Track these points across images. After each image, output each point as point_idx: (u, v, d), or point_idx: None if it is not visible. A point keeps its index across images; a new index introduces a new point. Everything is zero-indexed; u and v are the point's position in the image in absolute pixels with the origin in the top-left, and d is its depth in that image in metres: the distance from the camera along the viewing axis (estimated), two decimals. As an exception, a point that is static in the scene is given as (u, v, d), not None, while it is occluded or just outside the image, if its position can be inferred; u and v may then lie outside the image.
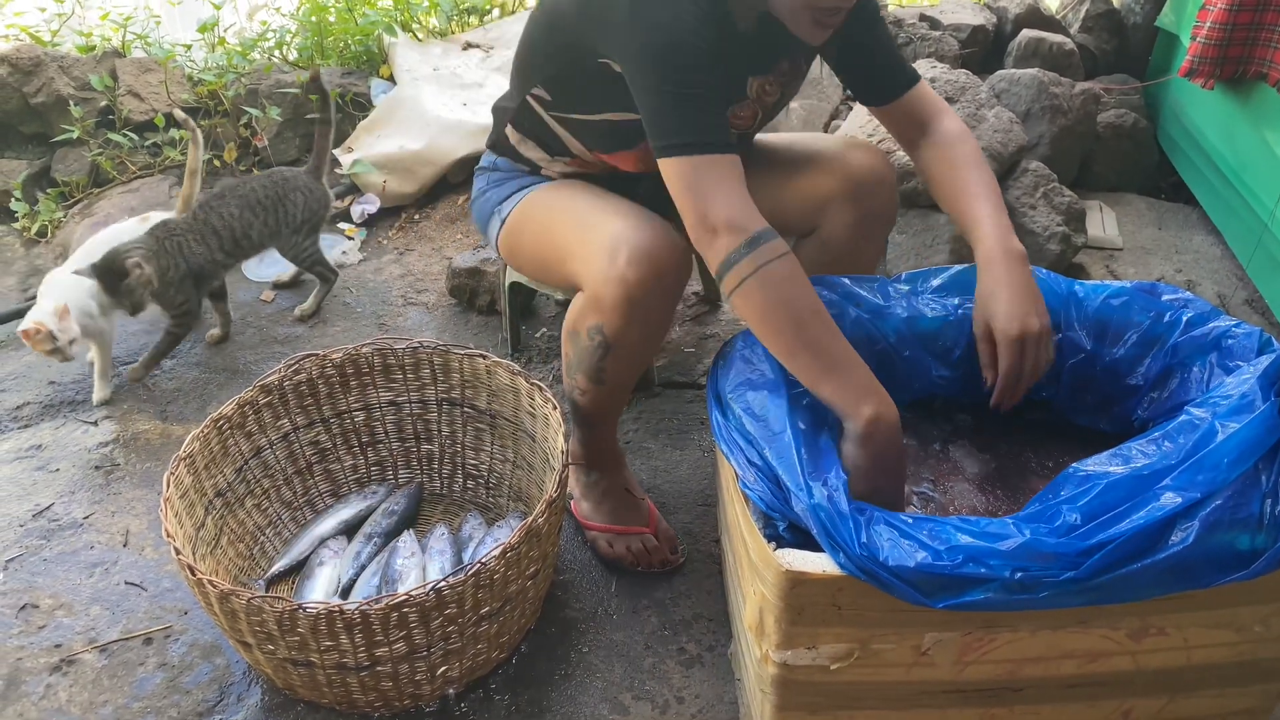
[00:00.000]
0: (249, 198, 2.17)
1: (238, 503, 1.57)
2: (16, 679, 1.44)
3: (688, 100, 1.18)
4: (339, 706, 1.36)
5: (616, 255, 1.30)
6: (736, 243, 1.15)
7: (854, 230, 1.49)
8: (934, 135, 1.42)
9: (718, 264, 1.17)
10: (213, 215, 2.12)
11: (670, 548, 1.60)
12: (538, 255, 1.52)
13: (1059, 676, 1.07)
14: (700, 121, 1.18)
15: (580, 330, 1.40)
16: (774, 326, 1.14)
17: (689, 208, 1.18)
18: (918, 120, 1.44)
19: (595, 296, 1.34)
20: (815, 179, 1.50)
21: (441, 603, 1.24)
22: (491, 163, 1.62)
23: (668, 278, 1.32)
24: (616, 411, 1.58)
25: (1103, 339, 1.30)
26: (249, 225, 2.16)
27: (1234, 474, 0.95)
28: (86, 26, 3.30)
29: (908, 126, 1.45)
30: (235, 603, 1.21)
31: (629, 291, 1.30)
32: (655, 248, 1.30)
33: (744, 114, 1.44)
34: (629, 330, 1.35)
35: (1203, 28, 2.26)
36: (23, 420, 2.06)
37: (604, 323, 1.35)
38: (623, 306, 1.32)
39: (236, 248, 2.16)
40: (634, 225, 1.32)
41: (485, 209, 1.62)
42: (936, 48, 2.78)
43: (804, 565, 0.99)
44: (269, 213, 2.19)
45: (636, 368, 1.46)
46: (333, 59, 3.31)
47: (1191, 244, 2.53)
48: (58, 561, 1.66)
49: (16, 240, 2.86)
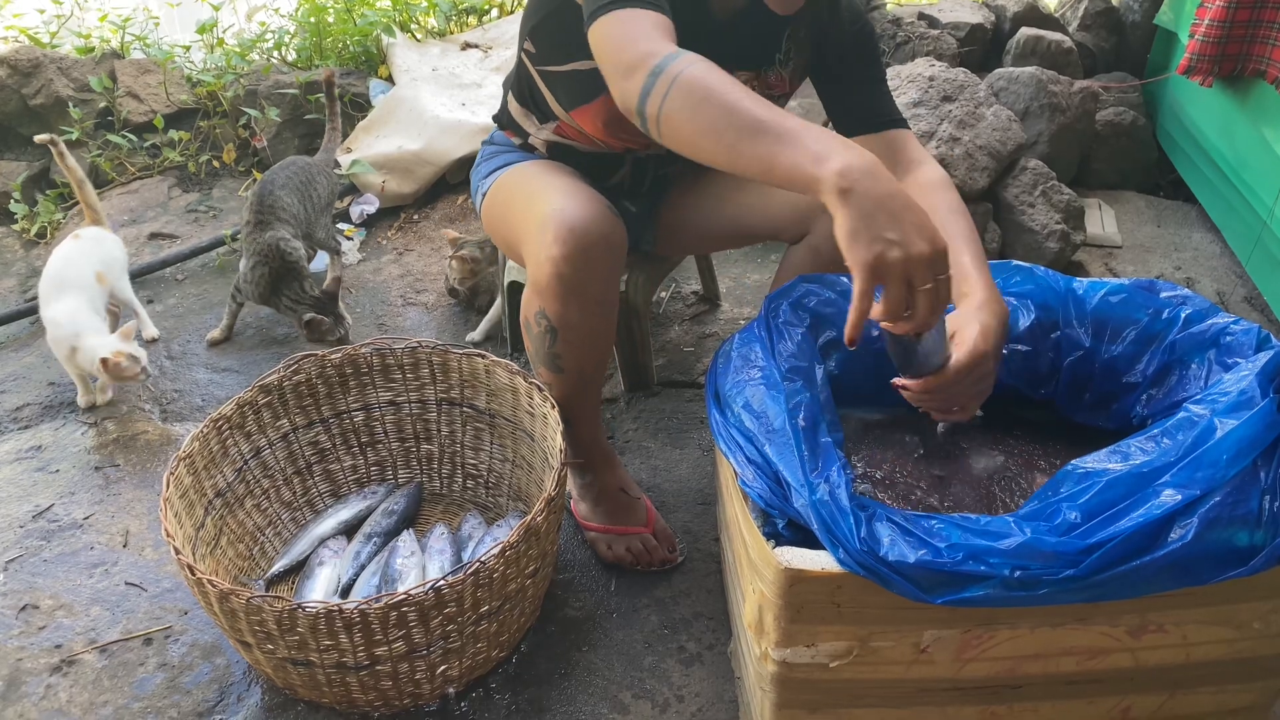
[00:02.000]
0: (289, 181, 2.26)
1: (237, 503, 1.57)
2: (17, 680, 1.44)
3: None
4: (339, 706, 1.36)
5: (545, 234, 1.30)
6: (646, 69, 1.04)
7: None
8: (915, 177, 1.35)
9: (635, 101, 1.05)
10: (275, 204, 2.20)
11: (669, 546, 1.60)
12: (502, 234, 1.55)
13: (1058, 674, 1.07)
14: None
15: (529, 318, 1.41)
16: (709, 123, 1.00)
17: (609, 68, 1.09)
18: (899, 159, 1.37)
19: (534, 280, 1.35)
20: None
21: (441, 602, 1.24)
22: (491, 136, 1.67)
23: (594, 250, 1.30)
24: (591, 406, 1.56)
25: (1101, 336, 1.30)
26: (304, 201, 2.27)
27: (1233, 471, 0.95)
28: (85, 28, 3.31)
29: (888, 161, 1.34)
30: (235, 602, 1.21)
31: (558, 269, 1.29)
32: (580, 222, 1.28)
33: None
34: (567, 311, 1.34)
35: (1201, 25, 2.26)
36: (23, 421, 2.06)
37: (545, 306, 1.36)
38: (555, 285, 1.31)
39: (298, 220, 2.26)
40: (564, 203, 1.30)
41: (476, 182, 1.67)
42: (935, 46, 2.78)
43: (803, 563, 0.99)
44: (301, 195, 2.28)
45: (591, 352, 1.44)
46: (331, 59, 3.31)
47: (1190, 241, 2.53)
48: (58, 562, 1.66)
49: (16, 242, 2.86)
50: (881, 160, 1.30)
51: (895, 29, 2.85)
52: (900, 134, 1.40)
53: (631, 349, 1.95)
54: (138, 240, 2.71)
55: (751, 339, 1.24)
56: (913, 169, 1.37)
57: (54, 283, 2.04)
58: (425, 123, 2.79)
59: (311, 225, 2.32)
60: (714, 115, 0.99)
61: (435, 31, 3.46)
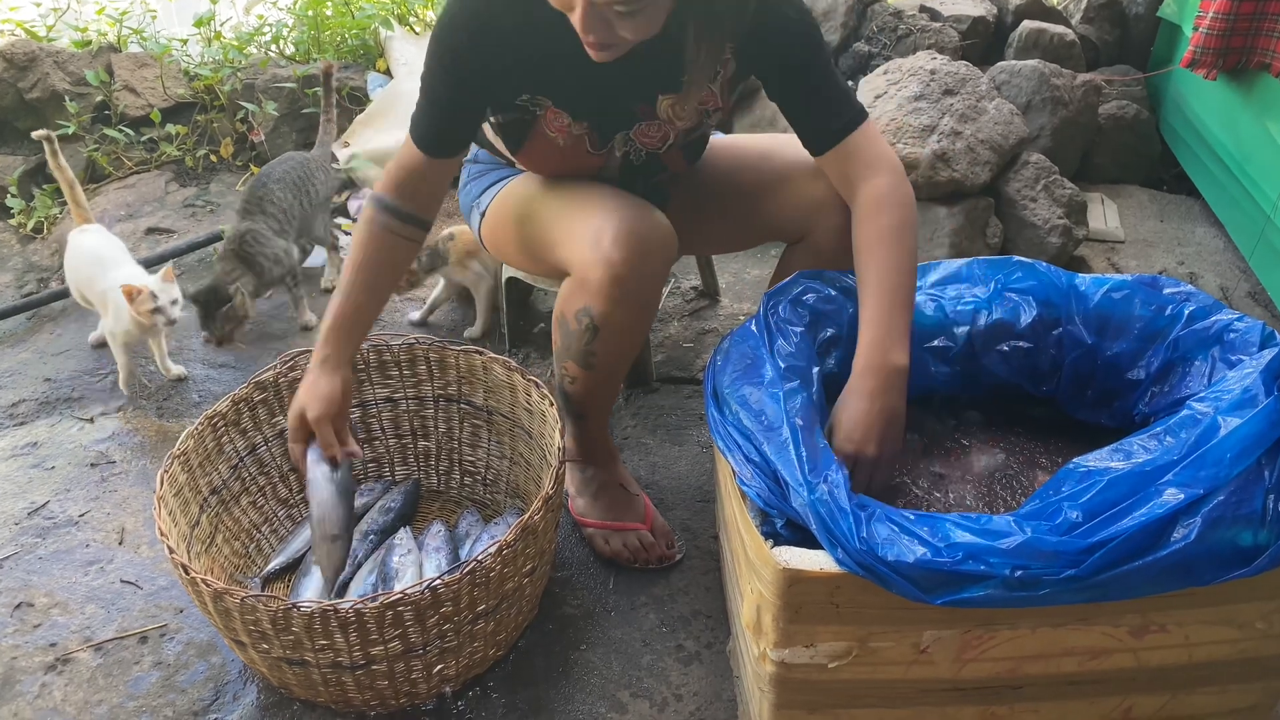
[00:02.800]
0: (286, 176, 2.25)
1: (233, 500, 1.56)
2: (11, 678, 1.44)
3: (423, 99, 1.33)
4: (335, 705, 1.35)
5: (602, 237, 1.31)
6: (377, 191, 1.38)
7: (844, 236, 1.45)
8: (858, 200, 1.32)
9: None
10: (266, 204, 2.20)
11: (667, 543, 1.59)
12: (522, 243, 1.52)
13: (1059, 674, 1.06)
14: (420, 118, 1.34)
15: (568, 315, 1.40)
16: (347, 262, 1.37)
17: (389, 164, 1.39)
18: (848, 177, 1.33)
19: (582, 279, 1.35)
20: (803, 185, 1.46)
21: (437, 601, 1.23)
22: (474, 155, 1.65)
23: (653, 258, 1.33)
24: (607, 403, 1.57)
25: (1104, 333, 1.29)
26: (301, 197, 2.26)
27: (1236, 469, 0.94)
28: (82, 21, 3.29)
29: (840, 181, 1.36)
30: (229, 602, 1.20)
31: (615, 272, 1.30)
32: (640, 229, 1.32)
33: (651, 133, 1.42)
34: (616, 312, 1.35)
35: (1205, 18, 2.25)
36: (18, 417, 2.05)
37: (591, 305, 1.35)
38: (609, 288, 1.32)
39: (290, 219, 2.25)
40: (618, 208, 1.34)
41: (467, 202, 1.66)
42: (937, 39, 2.77)
43: (802, 563, 0.99)
44: (300, 191, 2.27)
45: (625, 352, 1.46)
46: (329, 53, 3.30)
47: (1194, 236, 2.52)
48: (53, 560, 1.65)
49: (12, 237, 2.85)
50: (836, 178, 1.37)
51: (897, 22, 2.83)
52: (849, 144, 1.32)
53: (630, 345, 1.94)
54: (134, 235, 2.70)
55: (750, 337, 1.23)
56: (859, 186, 1.32)
57: (98, 264, 2.08)
58: (424, 117, 2.78)
59: (309, 221, 2.32)
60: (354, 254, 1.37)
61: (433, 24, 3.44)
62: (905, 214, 1.28)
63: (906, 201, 1.29)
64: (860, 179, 1.32)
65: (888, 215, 1.28)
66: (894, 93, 2.37)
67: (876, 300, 1.23)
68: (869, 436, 1.18)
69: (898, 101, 2.34)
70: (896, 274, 1.24)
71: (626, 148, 1.44)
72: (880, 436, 1.18)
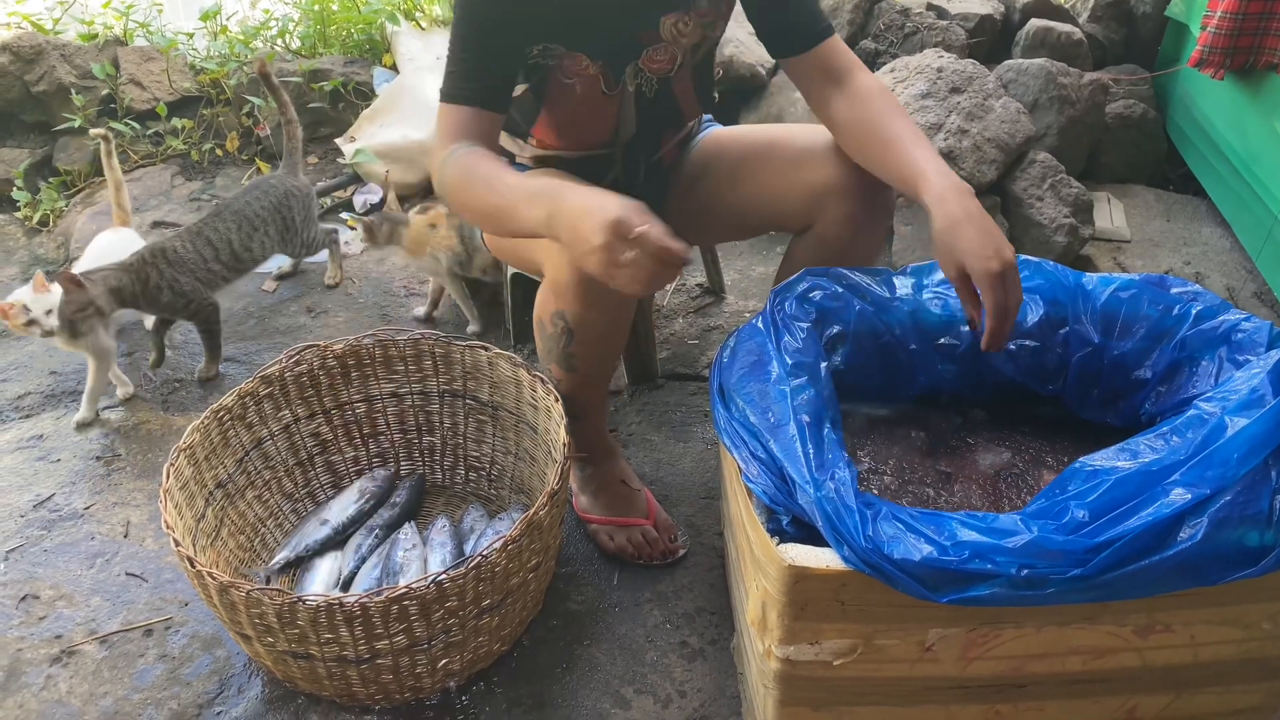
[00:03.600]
0: (248, 217, 2.13)
1: (238, 494, 1.57)
2: (17, 670, 1.44)
3: (458, 58, 1.30)
4: (339, 699, 1.36)
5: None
6: (444, 152, 1.29)
7: (851, 224, 1.45)
8: (851, 87, 1.38)
9: (434, 176, 1.32)
10: (210, 233, 2.07)
11: (670, 537, 1.59)
12: (512, 247, 1.54)
13: (1064, 673, 1.06)
14: (460, 74, 1.30)
15: (544, 318, 1.41)
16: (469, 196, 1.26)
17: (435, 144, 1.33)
18: (832, 73, 1.39)
19: (554, 281, 1.35)
20: (808, 177, 1.46)
21: (442, 595, 1.23)
22: None
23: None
24: (600, 401, 1.57)
25: (1110, 332, 1.28)
26: (248, 242, 2.13)
27: (1243, 470, 0.94)
28: (88, 14, 3.29)
29: (821, 80, 1.40)
30: (235, 595, 1.21)
31: (583, 274, 1.29)
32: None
33: (660, 57, 1.42)
34: (589, 314, 1.35)
35: (1213, 17, 2.24)
36: (24, 410, 2.06)
37: (564, 308, 1.36)
38: (578, 289, 1.32)
39: (237, 262, 2.12)
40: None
41: None
42: (943, 37, 2.76)
43: (807, 560, 0.98)
44: (270, 225, 2.17)
45: (606, 354, 1.45)
46: (335, 48, 3.30)
47: (1200, 236, 2.51)
48: (58, 552, 1.66)
49: (18, 229, 2.85)
50: (816, 83, 1.41)
51: (904, 19, 2.82)
52: (827, 46, 1.39)
53: (635, 341, 1.94)
54: (140, 228, 2.69)
55: (756, 333, 1.23)
56: (846, 80, 1.38)
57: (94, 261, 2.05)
58: (430, 112, 2.77)
59: (291, 244, 2.26)
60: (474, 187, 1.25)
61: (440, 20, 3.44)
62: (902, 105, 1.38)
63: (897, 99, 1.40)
64: (848, 71, 1.39)
65: (893, 97, 1.37)
66: (901, 90, 2.37)
67: (922, 146, 1.28)
68: (1000, 240, 1.18)
69: (904, 99, 2.34)
70: (926, 138, 1.31)
71: (638, 80, 1.44)
72: (1004, 240, 1.19)
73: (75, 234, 2.67)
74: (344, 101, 3.08)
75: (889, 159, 1.31)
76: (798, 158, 1.49)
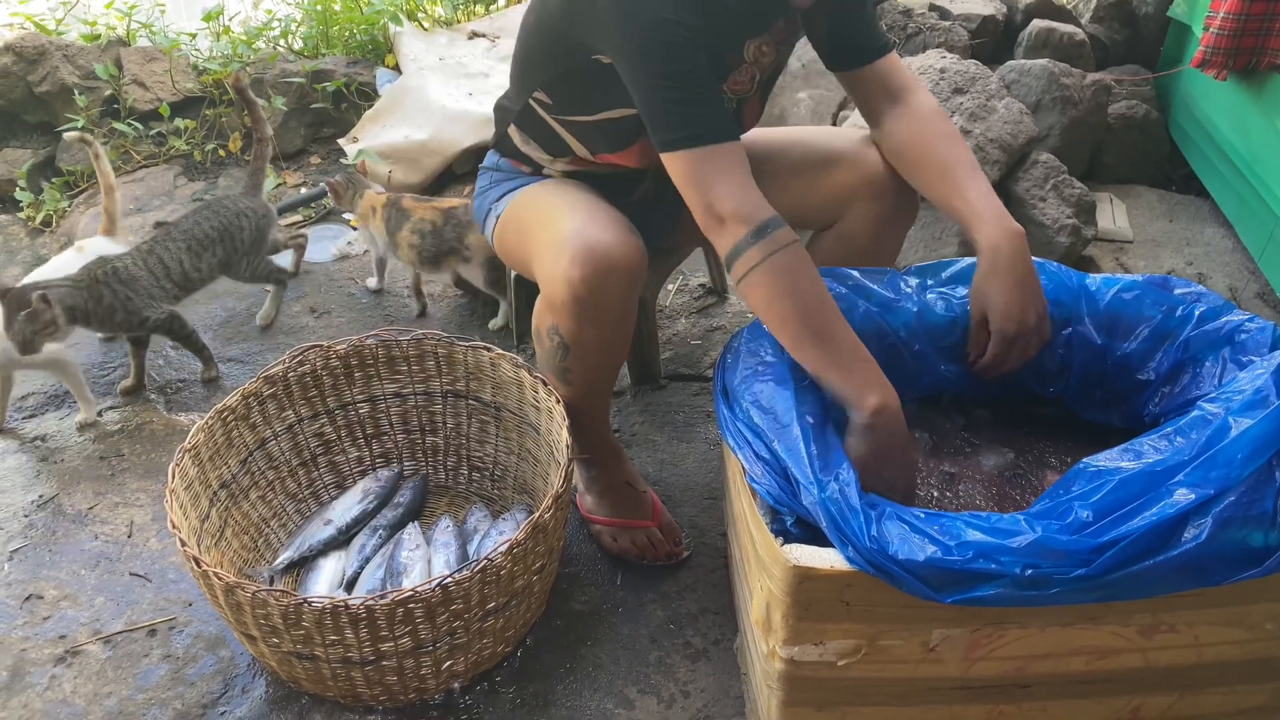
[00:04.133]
0: (197, 237, 2.07)
1: (242, 494, 1.57)
2: (21, 670, 1.44)
3: (681, 91, 1.17)
4: (343, 700, 1.36)
5: (561, 255, 1.29)
6: (743, 231, 1.16)
7: (875, 226, 1.47)
8: (908, 106, 1.39)
9: (726, 253, 1.19)
10: (161, 252, 2.03)
11: (674, 540, 1.59)
12: (517, 254, 1.52)
13: (1068, 673, 1.06)
14: (696, 112, 1.18)
15: (541, 330, 1.41)
16: (781, 315, 1.15)
17: (695, 200, 1.19)
18: (890, 89, 1.40)
19: (549, 296, 1.35)
20: (837, 175, 1.47)
21: (447, 598, 1.23)
22: (494, 163, 1.62)
23: (615, 275, 1.29)
24: (600, 409, 1.56)
25: (1114, 333, 1.29)
26: (197, 263, 2.07)
27: (1247, 470, 0.94)
28: (91, 15, 3.29)
29: (878, 95, 1.40)
30: (240, 595, 1.21)
31: (574, 291, 1.29)
32: (602, 246, 1.28)
33: (742, 79, 1.41)
34: (583, 330, 1.35)
35: (1216, 18, 2.24)
36: (27, 411, 2.06)
37: (559, 323, 1.36)
38: (571, 306, 1.31)
39: (187, 282, 2.06)
40: (585, 224, 1.31)
41: (483, 207, 1.63)
42: (946, 38, 2.76)
43: (812, 560, 0.99)
44: (218, 246, 2.10)
45: (603, 368, 1.45)
46: (338, 48, 3.30)
47: (1203, 236, 2.51)
48: (62, 552, 1.66)
49: (21, 230, 2.86)
50: (873, 97, 1.40)
51: (906, 21, 2.82)
52: (887, 62, 1.40)
53: (639, 342, 1.94)
54: (143, 228, 2.70)
55: (760, 334, 1.23)
56: (905, 98, 1.39)
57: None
58: (432, 112, 2.78)
59: (235, 269, 2.16)
60: (791, 309, 1.15)
61: (442, 20, 3.44)
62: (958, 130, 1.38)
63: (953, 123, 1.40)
64: (906, 88, 1.39)
65: (950, 122, 1.38)
66: (903, 91, 2.37)
67: (978, 180, 1.29)
68: (1029, 302, 1.22)
69: (907, 100, 2.34)
70: (980, 169, 1.32)
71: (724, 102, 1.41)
72: (1038, 301, 1.23)
73: (78, 234, 2.67)
74: (347, 102, 3.08)
75: (944, 186, 1.32)
76: (825, 158, 1.49)
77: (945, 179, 1.32)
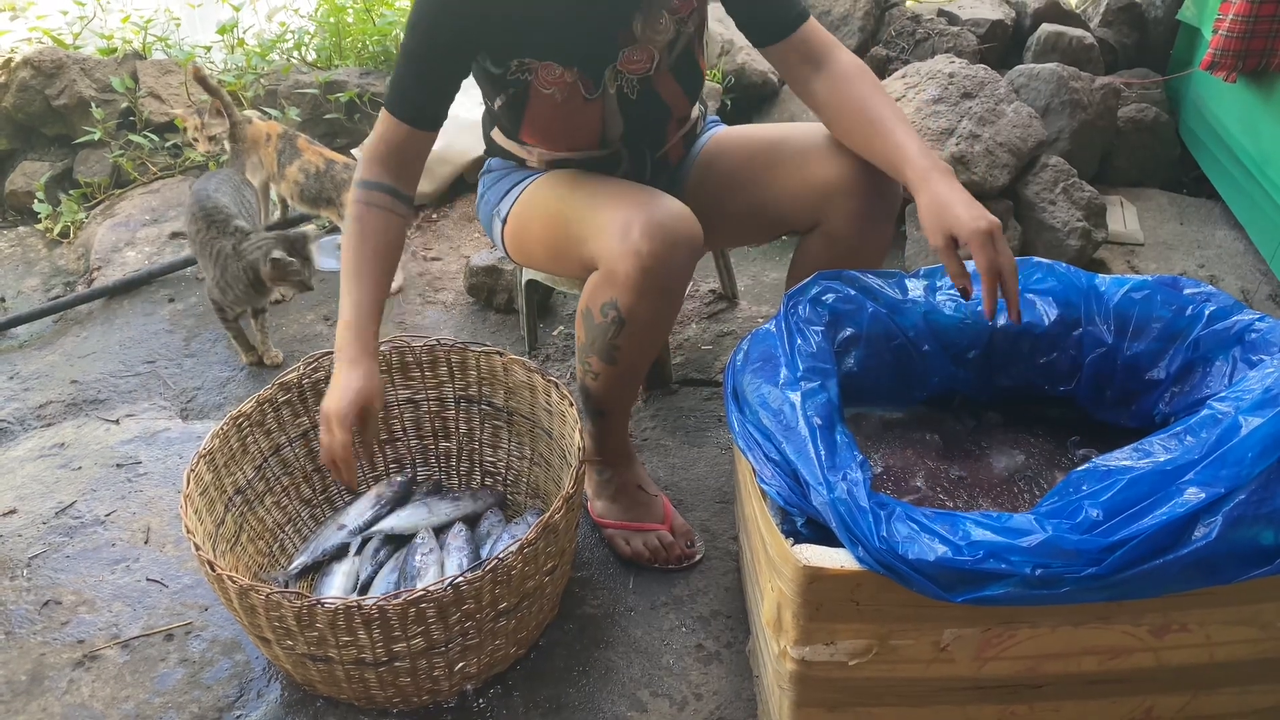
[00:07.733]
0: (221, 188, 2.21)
1: (257, 500, 1.58)
2: (40, 674, 1.46)
3: (408, 66, 1.38)
4: (357, 702, 1.37)
5: (630, 229, 1.33)
6: (359, 176, 1.40)
7: (858, 220, 1.47)
8: (832, 69, 1.43)
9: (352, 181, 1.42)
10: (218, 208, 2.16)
11: (686, 542, 1.60)
12: (548, 244, 1.53)
13: (1080, 673, 1.06)
14: (407, 86, 1.39)
15: (594, 308, 1.41)
16: (344, 254, 1.38)
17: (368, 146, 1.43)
18: (812, 56, 1.44)
19: (610, 272, 1.36)
20: (814, 171, 1.48)
21: (459, 599, 1.24)
22: (487, 165, 1.68)
23: (681, 249, 1.35)
24: (628, 400, 1.58)
25: (1124, 333, 1.29)
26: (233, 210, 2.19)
27: (1258, 469, 0.94)
28: (107, 29, 3.33)
29: (801, 64, 1.44)
30: (254, 598, 1.22)
31: (643, 264, 1.32)
32: (668, 220, 1.34)
33: (638, 57, 1.44)
34: (642, 304, 1.36)
35: (1225, 20, 2.24)
36: (46, 418, 2.08)
37: (618, 297, 1.37)
38: (637, 279, 1.33)
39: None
40: (645, 201, 1.36)
41: (486, 212, 1.67)
42: (955, 42, 2.77)
43: (822, 561, 0.99)
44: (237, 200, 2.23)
45: (649, 346, 1.46)
46: (350, 59, 3.33)
47: (1214, 239, 2.50)
48: (80, 558, 1.68)
49: (39, 241, 2.89)
50: (796, 67, 1.46)
51: (915, 25, 2.83)
52: (806, 29, 1.43)
53: (649, 347, 1.95)
54: (159, 239, 2.73)
55: (769, 337, 1.24)
56: (825, 62, 1.43)
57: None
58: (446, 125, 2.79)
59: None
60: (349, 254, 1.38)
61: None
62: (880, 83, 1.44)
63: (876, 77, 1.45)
64: (828, 52, 1.44)
65: (873, 76, 1.43)
66: (912, 96, 2.38)
67: (904, 127, 1.35)
68: (982, 209, 1.24)
69: (916, 105, 2.34)
70: (906, 118, 1.38)
71: (618, 82, 1.46)
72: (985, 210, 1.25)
73: (95, 245, 2.70)
74: (359, 112, 3.11)
75: (874, 139, 1.37)
76: (801, 155, 1.50)
77: (875, 132, 1.36)
